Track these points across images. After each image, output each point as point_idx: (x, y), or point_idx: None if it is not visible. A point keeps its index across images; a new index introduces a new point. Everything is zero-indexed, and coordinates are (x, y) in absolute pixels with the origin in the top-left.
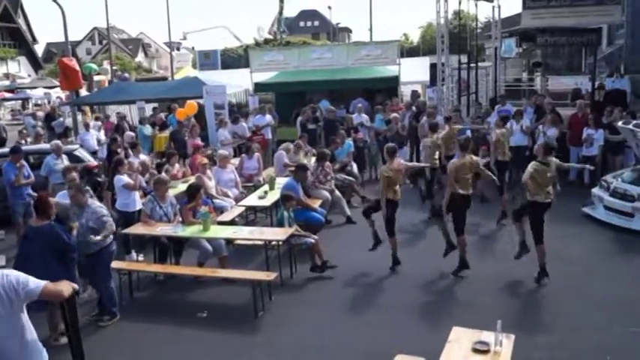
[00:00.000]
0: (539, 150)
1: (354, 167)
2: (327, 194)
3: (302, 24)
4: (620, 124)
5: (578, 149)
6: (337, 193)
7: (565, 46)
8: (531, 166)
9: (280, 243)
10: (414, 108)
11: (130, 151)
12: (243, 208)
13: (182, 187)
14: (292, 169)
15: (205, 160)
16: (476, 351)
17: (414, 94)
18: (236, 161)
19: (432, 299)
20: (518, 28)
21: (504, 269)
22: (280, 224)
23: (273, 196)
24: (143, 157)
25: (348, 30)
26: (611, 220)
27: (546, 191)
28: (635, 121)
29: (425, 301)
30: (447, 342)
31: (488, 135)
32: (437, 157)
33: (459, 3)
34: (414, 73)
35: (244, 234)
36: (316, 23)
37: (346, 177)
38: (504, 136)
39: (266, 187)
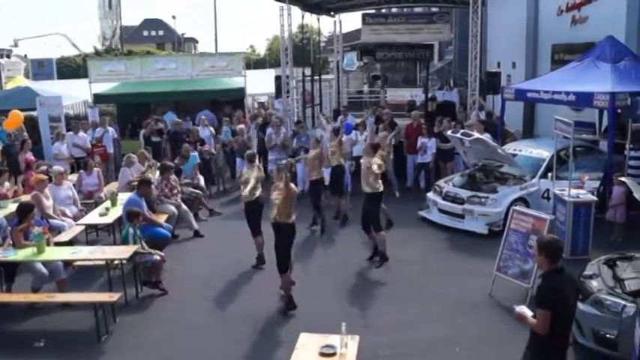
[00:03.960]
0: (367, 149)
1: (201, 180)
2: (173, 208)
3: (146, 33)
4: (449, 132)
5: (414, 157)
6: (184, 206)
7: (401, 60)
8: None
9: (124, 262)
10: (259, 120)
11: None
12: (83, 227)
13: (12, 207)
14: (135, 183)
15: (43, 177)
16: (323, 355)
17: (260, 106)
18: (74, 177)
19: (281, 307)
20: (358, 43)
21: (348, 273)
22: (125, 242)
23: (115, 212)
24: None
25: (194, 40)
26: (445, 221)
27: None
28: (462, 130)
29: (273, 310)
30: (295, 349)
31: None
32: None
33: (302, 17)
34: (260, 84)
35: (84, 254)
36: (161, 33)
37: (193, 190)
38: (338, 145)
39: (108, 203)
